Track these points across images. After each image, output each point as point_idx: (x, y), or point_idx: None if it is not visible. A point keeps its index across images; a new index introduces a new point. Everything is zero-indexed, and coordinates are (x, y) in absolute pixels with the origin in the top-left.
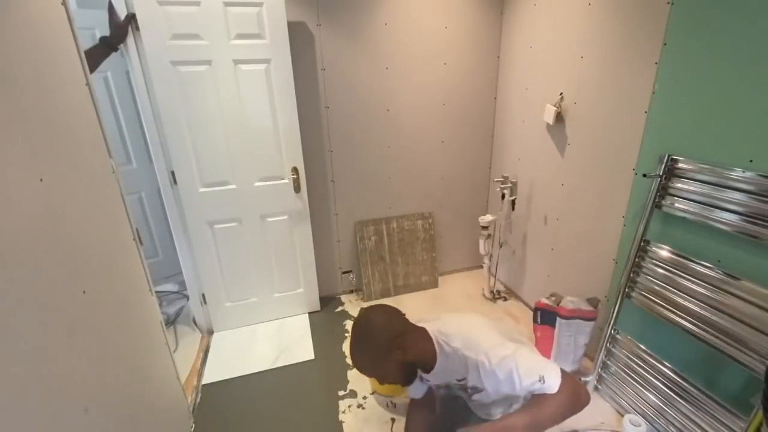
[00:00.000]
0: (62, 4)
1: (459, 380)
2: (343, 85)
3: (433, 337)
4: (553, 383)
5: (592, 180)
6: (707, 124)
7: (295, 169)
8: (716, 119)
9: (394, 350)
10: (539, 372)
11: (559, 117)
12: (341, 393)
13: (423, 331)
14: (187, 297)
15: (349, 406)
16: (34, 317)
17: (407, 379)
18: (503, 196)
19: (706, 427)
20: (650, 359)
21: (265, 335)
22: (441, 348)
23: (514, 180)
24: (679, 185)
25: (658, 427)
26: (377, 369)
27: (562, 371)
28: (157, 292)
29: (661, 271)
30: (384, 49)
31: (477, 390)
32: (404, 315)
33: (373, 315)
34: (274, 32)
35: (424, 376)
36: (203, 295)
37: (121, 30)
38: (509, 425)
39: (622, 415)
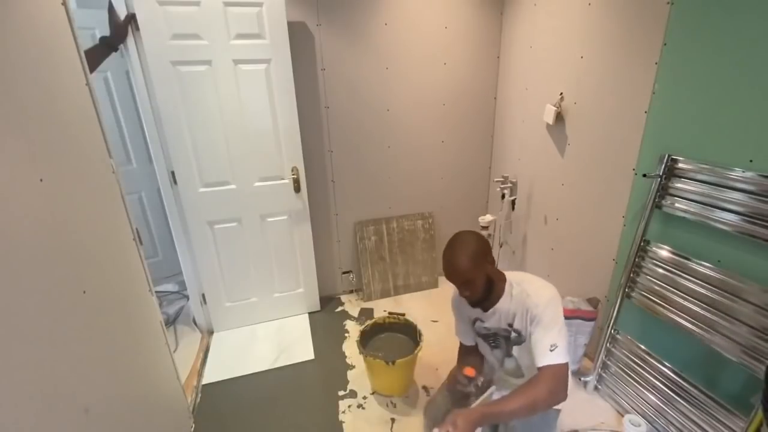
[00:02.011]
0: (62, 4)
1: (509, 325)
2: (343, 85)
3: (508, 279)
4: (555, 358)
5: (592, 180)
6: (707, 124)
7: (295, 169)
8: (716, 119)
9: (487, 261)
10: (557, 342)
11: (559, 117)
12: (341, 393)
13: (501, 272)
14: (187, 297)
15: (349, 406)
16: (34, 317)
17: (483, 296)
18: (503, 196)
19: (706, 427)
20: (650, 359)
21: (265, 335)
22: (510, 288)
23: (514, 180)
24: (679, 185)
25: (658, 427)
26: (473, 270)
27: (567, 366)
28: (157, 292)
29: (661, 271)
30: (384, 49)
31: (519, 339)
32: None
33: (472, 233)
34: (274, 32)
35: (480, 317)
36: (203, 295)
37: (121, 30)
38: (499, 408)
39: (622, 415)
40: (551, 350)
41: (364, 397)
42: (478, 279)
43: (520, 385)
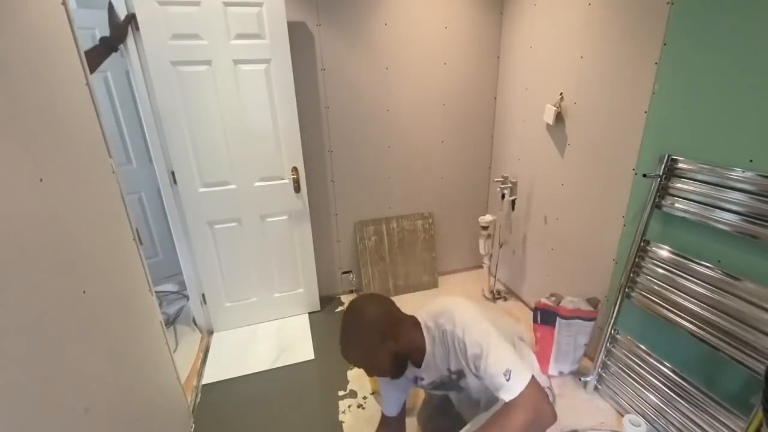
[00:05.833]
0: (62, 4)
1: (448, 370)
2: (343, 85)
3: (422, 323)
4: (515, 385)
5: (592, 180)
6: (707, 124)
7: (295, 169)
8: (716, 119)
9: (387, 340)
10: (507, 365)
11: (559, 117)
12: (341, 393)
13: (413, 318)
14: (187, 297)
15: (349, 406)
16: (34, 317)
17: (398, 371)
18: (503, 196)
19: (706, 427)
20: (650, 359)
21: (265, 335)
22: (429, 332)
23: (514, 180)
24: (679, 185)
25: (658, 427)
26: (369, 360)
27: (535, 382)
28: (157, 292)
29: (661, 271)
30: (384, 49)
31: (461, 375)
32: (394, 303)
33: (365, 304)
34: (274, 32)
35: (418, 374)
36: (203, 295)
37: (121, 30)
38: None
39: (622, 415)
40: (507, 380)
41: (364, 397)
42: (380, 363)
43: (494, 417)
